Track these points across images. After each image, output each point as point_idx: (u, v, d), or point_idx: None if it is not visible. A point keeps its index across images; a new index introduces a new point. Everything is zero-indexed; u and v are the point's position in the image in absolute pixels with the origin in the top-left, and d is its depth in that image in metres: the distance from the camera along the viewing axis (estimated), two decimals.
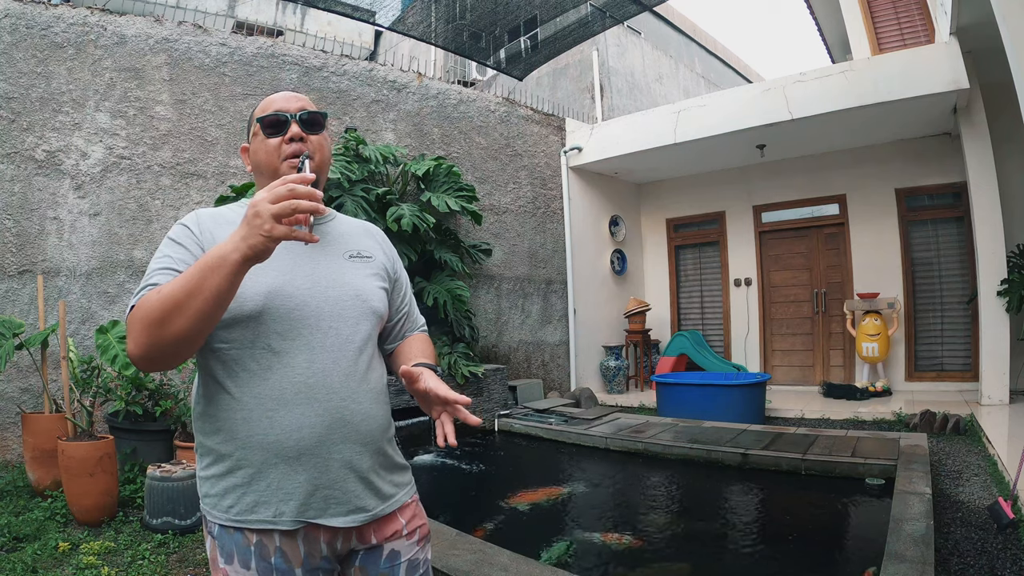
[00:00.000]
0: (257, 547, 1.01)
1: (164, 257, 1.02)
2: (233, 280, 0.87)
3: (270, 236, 0.84)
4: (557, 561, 2.75)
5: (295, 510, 1.02)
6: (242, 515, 1.02)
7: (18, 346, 3.61)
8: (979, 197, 5.57)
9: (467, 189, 6.14)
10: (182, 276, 0.89)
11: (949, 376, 6.71)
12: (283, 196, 0.84)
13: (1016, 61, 3.03)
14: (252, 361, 1.02)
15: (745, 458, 4.08)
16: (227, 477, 1.03)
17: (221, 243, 0.88)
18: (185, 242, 1.05)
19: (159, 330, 0.88)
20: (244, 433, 1.01)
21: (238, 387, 1.02)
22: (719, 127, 6.50)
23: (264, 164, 1.13)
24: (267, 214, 0.84)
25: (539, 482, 4.04)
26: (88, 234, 4.63)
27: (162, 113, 4.98)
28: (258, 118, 1.13)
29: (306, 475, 1.02)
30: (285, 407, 1.01)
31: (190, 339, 0.90)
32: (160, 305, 0.88)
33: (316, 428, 1.02)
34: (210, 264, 0.86)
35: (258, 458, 1.01)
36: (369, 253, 1.19)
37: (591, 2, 6.13)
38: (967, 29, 5.05)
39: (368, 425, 1.08)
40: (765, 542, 3.09)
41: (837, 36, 9.80)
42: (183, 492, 3.19)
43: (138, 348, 0.91)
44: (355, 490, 1.06)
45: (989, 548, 2.67)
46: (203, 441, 1.06)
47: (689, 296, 8.75)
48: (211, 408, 1.05)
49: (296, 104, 1.14)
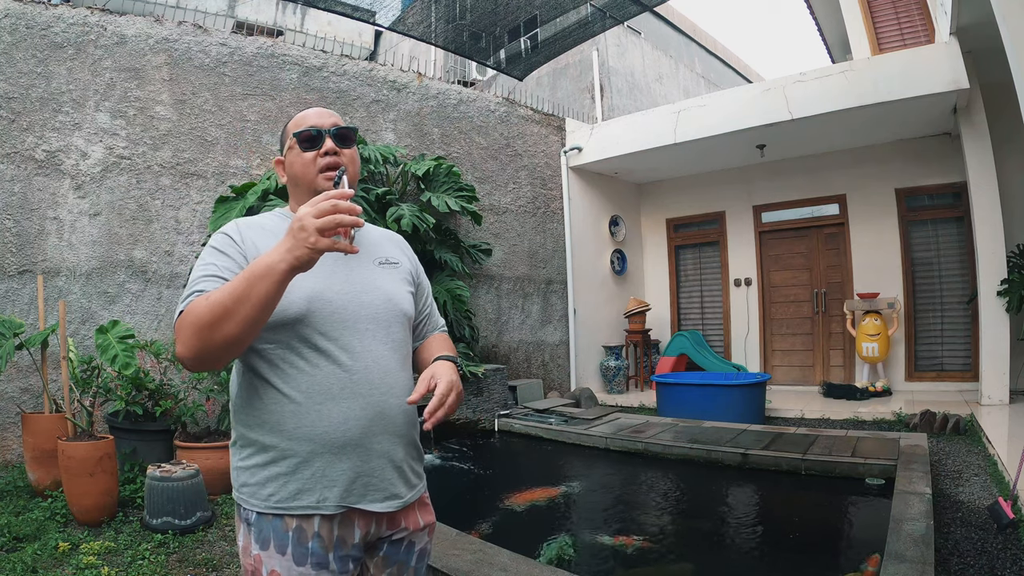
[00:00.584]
0: (296, 532, 1.08)
1: (209, 264, 1.09)
2: (279, 288, 0.95)
3: (315, 248, 0.91)
4: (556, 558, 2.75)
5: (338, 496, 1.09)
6: (284, 502, 1.08)
7: (18, 346, 3.61)
8: (979, 197, 5.57)
9: (467, 189, 6.14)
10: (230, 284, 0.97)
11: (949, 376, 6.70)
12: (327, 211, 0.91)
13: (1016, 61, 3.03)
14: (299, 359, 1.10)
15: (745, 458, 4.08)
16: (270, 467, 1.10)
17: (267, 253, 0.95)
18: (228, 251, 1.12)
19: (209, 334, 0.95)
20: (292, 425, 1.08)
21: (286, 383, 1.09)
22: (719, 127, 6.49)
23: (300, 176, 1.21)
24: (312, 228, 0.91)
25: (539, 482, 4.04)
26: (88, 234, 4.63)
27: (162, 113, 4.98)
28: (294, 133, 1.21)
29: (349, 463, 1.10)
30: (333, 401, 1.09)
31: (238, 342, 0.98)
32: (210, 310, 0.95)
33: (360, 420, 1.11)
34: (258, 273, 0.94)
35: (305, 448, 1.08)
36: (396, 260, 1.29)
37: (591, 2, 6.13)
38: (967, 29, 5.05)
39: (403, 418, 1.18)
40: (765, 542, 3.09)
41: (837, 36, 9.80)
42: (183, 492, 3.19)
43: (188, 351, 0.98)
44: (391, 478, 1.15)
45: (989, 548, 2.67)
46: (245, 433, 1.13)
47: (689, 296, 8.75)
48: (255, 402, 1.12)
49: (329, 120, 1.22)
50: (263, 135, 5.45)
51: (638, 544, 2.97)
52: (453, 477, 4.45)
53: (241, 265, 1.09)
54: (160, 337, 4.75)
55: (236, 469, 1.15)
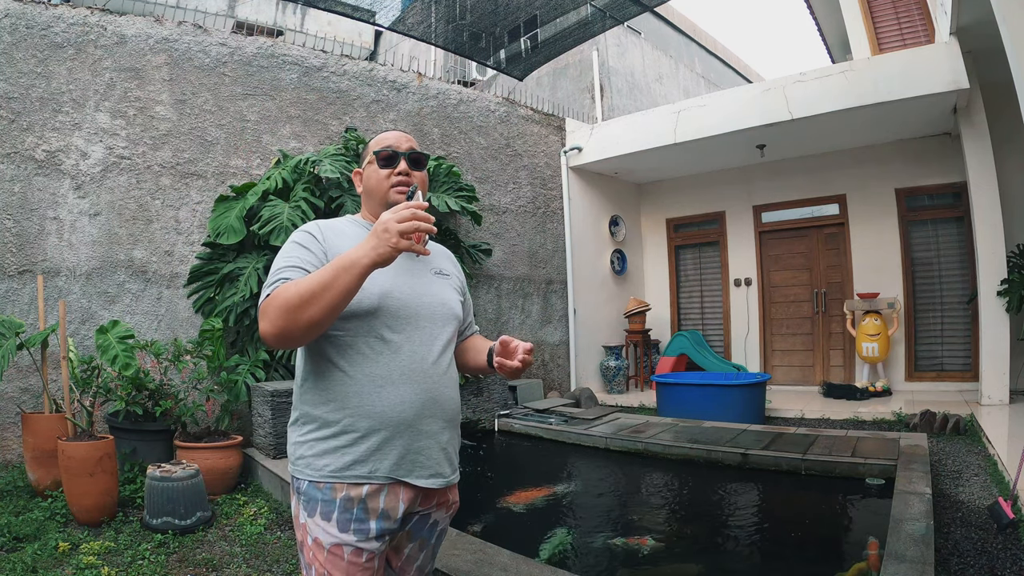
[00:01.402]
0: (343, 501, 1.21)
1: (293, 256, 1.24)
2: (360, 280, 1.10)
3: (396, 247, 1.07)
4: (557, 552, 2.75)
5: (388, 468, 1.23)
6: (337, 472, 1.21)
7: (18, 346, 3.61)
8: (979, 197, 5.57)
9: (467, 189, 6.14)
10: (317, 273, 1.11)
11: (949, 376, 6.71)
12: (407, 217, 1.08)
13: (1016, 61, 3.03)
14: (366, 346, 1.25)
15: (745, 458, 4.08)
16: (330, 440, 1.23)
17: (352, 249, 1.10)
18: (311, 246, 1.27)
19: (295, 314, 1.09)
20: (355, 403, 1.23)
21: (352, 366, 1.24)
22: (719, 127, 6.49)
23: (374, 189, 1.39)
24: (395, 230, 1.07)
25: (538, 482, 4.04)
26: (88, 234, 4.63)
27: (162, 113, 4.98)
28: (375, 151, 1.39)
29: (401, 441, 1.24)
30: (392, 385, 1.24)
31: (319, 324, 1.12)
32: (298, 294, 1.10)
33: (415, 404, 1.26)
34: (344, 265, 1.09)
35: (365, 425, 1.22)
36: (448, 272, 1.46)
37: (591, 3, 6.12)
38: (967, 29, 5.05)
39: (450, 405, 1.34)
40: (765, 541, 3.09)
41: (837, 36, 9.80)
42: (183, 492, 3.19)
43: (274, 328, 1.12)
44: (437, 458, 1.30)
45: (989, 548, 2.67)
46: (310, 411, 1.27)
47: (689, 296, 8.75)
48: (322, 383, 1.26)
49: (406, 144, 1.40)
50: (263, 135, 5.45)
51: (639, 543, 2.97)
52: None
53: (321, 260, 1.24)
54: (160, 337, 4.75)
55: (295, 444, 1.28)
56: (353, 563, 1.20)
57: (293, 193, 5.01)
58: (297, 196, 4.95)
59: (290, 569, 2.74)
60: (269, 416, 4.13)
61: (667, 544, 2.98)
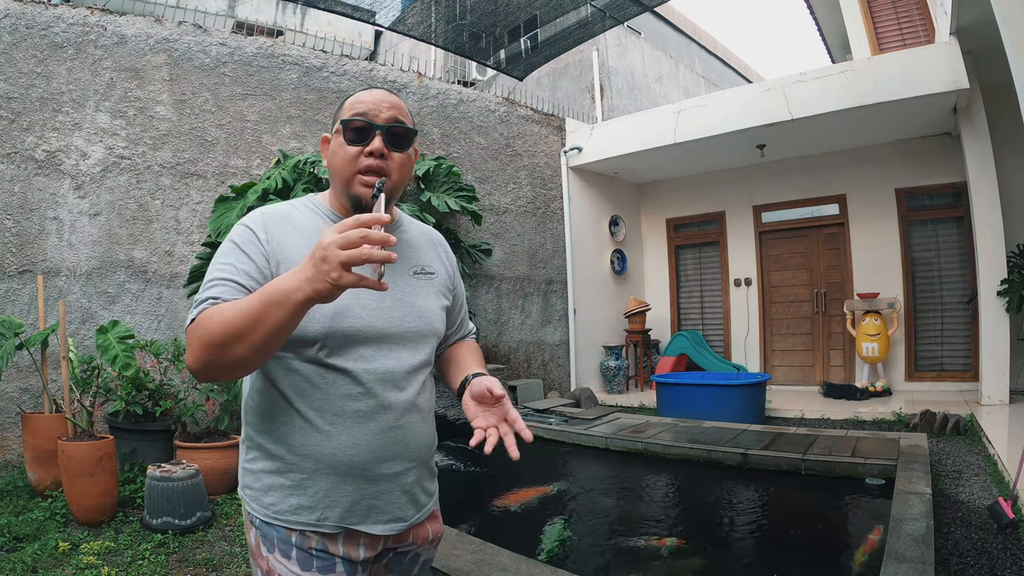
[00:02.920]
0: (298, 539, 1.03)
1: (227, 265, 1.00)
2: (295, 317, 0.86)
3: (337, 284, 0.80)
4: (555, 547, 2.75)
5: (338, 516, 1.04)
6: (284, 514, 1.04)
7: (18, 346, 3.60)
8: (979, 197, 5.57)
9: (467, 189, 6.14)
10: (245, 304, 0.88)
11: (949, 376, 6.70)
12: (354, 242, 0.79)
13: (1016, 61, 3.03)
14: (315, 375, 1.02)
15: (745, 458, 4.08)
16: (273, 476, 1.05)
17: (285, 276, 0.86)
18: (250, 251, 1.02)
19: (219, 352, 0.89)
20: (299, 442, 1.03)
21: (299, 398, 1.03)
22: (719, 127, 6.49)
23: (337, 169, 1.08)
24: (335, 261, 0.79)
25: (538, 482, 4.04)
26: (88, 234, 4.63)
27: (162, 113, 4.98)
28: (343, 119, 1.07)
29: (354, 487, 1.04)
30: (344, 423, 1.02)
31: (249, 363, 0.92)
32: (221, 330, 0.88)
33: (371, 445, 1.04)
34: (273, 299, 0.85)
35: (309, 466, 1.03)
36: (432, 268, 1.18)
37: (592, 3, 6.12)
38: (967, 29, 5.05)
39: (418, 442, 1.11)
40: (765, 541, 3.09)
41: (837, 36, 9.80)
42: (183, 492, 3.18)
43: (197, 364, 0.92)
44: (397, 502, 1.08)
45: (989, 548, 2.67)
46: (253, 436, 1.08)
47: (689, 296, 8.75)
48: (265, 409, 1.06)
49: (387, 113, 1.07)
50: (263, 135, 5.45)
51: (638, 543, 2.97)
52: (452, 477, 4.45)
53: (262, 268, 1.00)
54: (160, 337, 4.75)
55: (242, 468, 1.11)
56: None
57: (293, 193, 5.01)
58: (297, 196, 4.94)
59: None
60: None
61: (667, 543, 2.98)
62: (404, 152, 1.09)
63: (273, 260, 1.02)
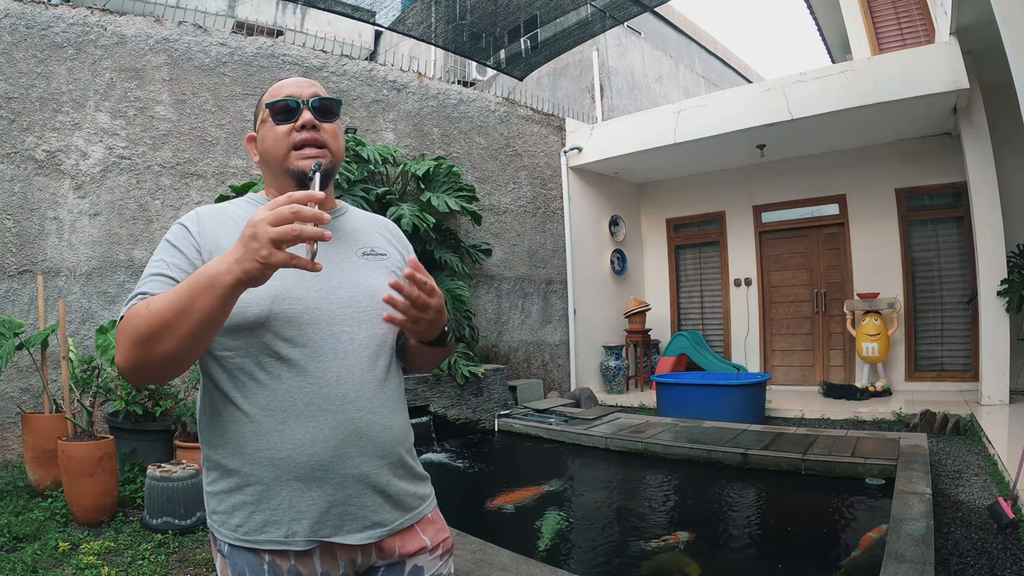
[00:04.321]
0: (270, 567, 0.94)
1: (159, 262, 0.96)
2: (225, 303, 0.81)
3: (267, 263, 0.76)
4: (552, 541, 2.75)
5: (308, 529, 0.94)
6: (252, 535, 0.95)
7: (18, 346, 3.60)
8: (979, 197, 5.57)
9: (467, 189, 6.14)
10: (173, 293, 0.83)
11: (949, 376, 6.70)
12: (285, 218, 0.76)
13: (1016, 61, 3.03)
14: (259, 370, 0.95)
15: (745, 458, 4.08)
16: (234, 494, 0.96)
17: (215, 260, 0.81)
18: (181, 245, 0.98)
19: (146, 347, 0.83)
20: (253, 448, 0.94)
21: (245, 398, 0.95)
22: (719, 127, 6.49)
23: (271, 152, 1.05)
24: (265, 238, 0.76)
25: (538, 481, 4.04)
26: (88, 234, 4.63)
27: (162, 113, 4.98)
28: (267, 103, 1.06)
29: (320, 492, 0.95)
30: (297, 419, 0.94)
31: (179, 359, 0.85)
32: (148, 323, 0.82)
33: (330, 441, 0.95)
34: (201, 284, 0.80)
35: (268, 475, 0.94)
36: (383, 250, 1.13)
37: (592, 3, 6.12)
38: (967, 29, 5.05)
39: (385, 436, 1.01)
40: (765, 541, 3.09)
41: (837, 36, 9.80)
42: (183, 492, 3.19)
43: (125, 362, 0.86)
44: (371, 504, 0.99)
45: (989, 548, 2.67)
46: (209, 455, 1.00)
47: (689, 296, 8.75)
48: (215, 420, 0.98)
49: (309, 90, 1.06)
50: None
51: (638, 542, 2.97)
52: (453, 477, 4.46)
53: (193, 262, 0.96)
54: None
55: (206, 494, 1.01)
56: None
57: None
58: None
59: None
60: None
61: (667, 543, 2.98)
62: (332, 123, 1.07)
63: (205, 251, 0.97)
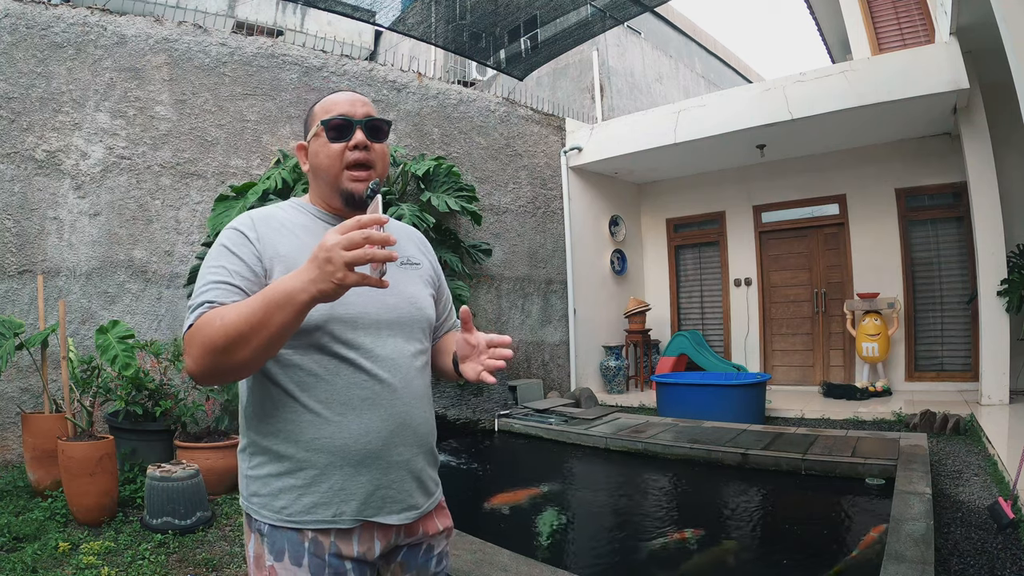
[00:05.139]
0: (312, 544, 1.03)
1: (220, 268, 1.01)
2: (299, 318, 0.88)
3: (342, 284, 0.83)
4: (554, 544, 2.75)
5: (355, 510, 1.05)
6: (297, 516, 1.03)
7: (18, 346, 3.61)
8: (979, 197, 5.57)
9: (467, 189, 6.14)
10: (246, 307, 0.90)
11: (949, 376, 6.70)
12: (357, 243, 0.82)
13: (1016, 61, 3.03)
14: (317, 366, 1.03)
15: (745, 458, 4.08)
16: (284, 477, 1.04)
17: (288, 277, 0.88)
18: (241, 252, 1.03)
19: (222, 357, 0.90)
20: (309, 436, 1.03)
21: (303, 391, 1.03)
22: (719, 127, 6.49)
23: (324, 169, 1.12)
24: (340, 262, 0.82)
25: (538, 481, 4.04)
26: (88, 234, 4.63)
27: (162, 113, 4.98)
28: (322, 120, 1.11)
29: (368, 476, 1.05)
30: (353, 412, 1.04)
31: (251, 365, 0.93)
32: (224, 334, 0.89)
33: (381, 432, 1.06)
34: (277, 301, 0.87)
35: (323, 460, 1.03)
36: (417, 260, 1.23)
37: (592, 3, 6.12)
38: (967, 29, 5.05)
39: (424, 428, 1.14)
40: (765, 541, 3.09)
41: (837, 36, 9.80)
42: (183, 492, 3.19)
43: (198, 368, 0.93)
44: (410, 489, 1.10)
45: (989, 548, 2.67)
46: (258, 441, 1.07)
47: (689, 296, 8.75)
48: (270, 410, 1.05)
49: (362, 109, 1.12)
50: (263, 135, 5.45)
51: (638, 542, 2.97)
52: (453, 477, 4.45)
53: (253, 269, 1.02)
54: (160, 337, 4.75)
55: (246, 477, 1.09)
56: None
57: (293, 193, 5.01)
58: (297, 196, 4.94)
59: None
60: None
61: (667, 543, 2.98)
62: (382, 143, 1.14)
63: (266, 257, 1.04)
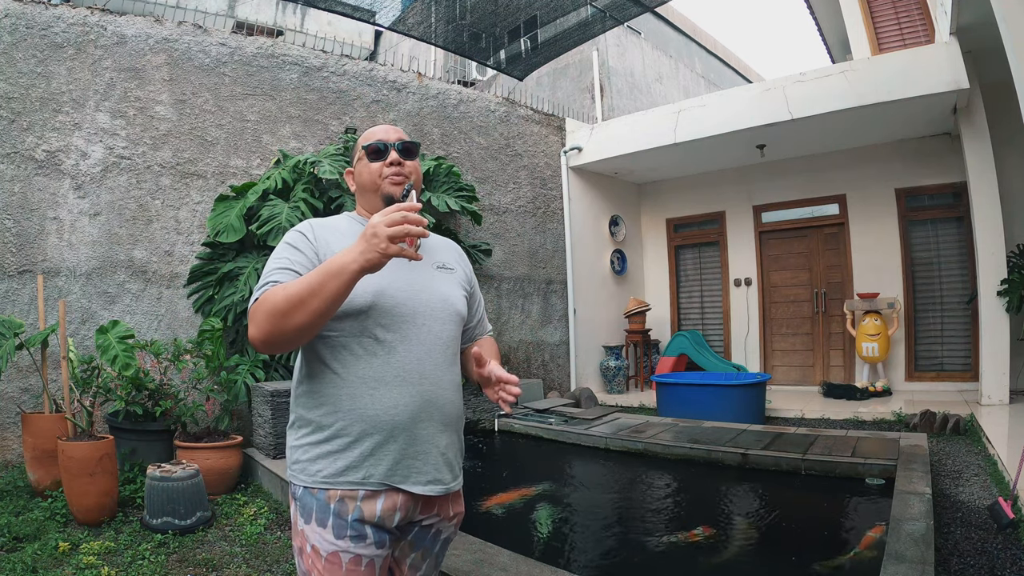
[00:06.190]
0: (337, 505, 1.18)
1: (283, 259, 1.22)
2: (349, 286, 1.06)
3: (385, 253, 1.02)
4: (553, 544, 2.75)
5: (383, 474, 1.19)
6: (330, 477, 1.19)
7: (18, 346, 3.61)
8: (979, 197, 5.57)
9: (467, 189, 6.14)
10: (305, 278, 1.08)
11: (949, 376, 6.71)
12: (397, 221, 1.02)
13: (1016, 61, 3.04)
14: (359, 347, 1.21)
15: (745, 458, 4.08)
16: (323, 444, 1.21)
17: (341, 253, 1.06)
18: (302, 247, 1.24)
19: (282, 320, 1.07)
20: (348, 406, 1.20)
21: (344, 368, 1.21)
22: (719, 127, 6.49)
23: (367, 183, 1.36)
24: (384, 235, 1.01)
25: (537, 481, 4.04)
26: (88, 234, 4.63)
27: (162, 113, 4.98)
28: (364, 145, 1.36)
29: (395, 445, 1.20)
30: (385, 387, 1.21)
31: (307, 330, 1.09)
32: (285, 299, 1.07)
33: (410, 406, 1.22)
34: (332, 271, 1.05)
35: (357, 429, 1.19)
36: (452, 265, 1.42)
37: (592, 3, 6.12)
38: (967, 29, 5.05)
39: (450, 409, 1.29)
40: (765, 541, 3.09)
41: (837, 36, 9.80)
42: (183, 492, 3.19)
43: (261, 333, 1.10)
44: (435, 463, 1.25)
45: (989, 548, 2.67)
46: (304, 414, 1.25)
47: (689, 296, 8.75)
48: (316, 385, 1.23)
49: (395, 135, 1.37)
50: (263, 135, 5.45)
51: (637, 542, 2.97)
52: None
53: (312, 260, 1.21)
54: (160, 337, 4.75)
55: (291, 448, 1.26)
56: (352, 571, 1.17)
57: (293, 193, 5.01)
58: (297, 196, 4.95)
59: (290, 569, 2.73)
60: (269, 416, 4.13)
61: (667, 543, 2.98)
62: (413, 160, 1.38)
63: (322, 253, 1.24)
